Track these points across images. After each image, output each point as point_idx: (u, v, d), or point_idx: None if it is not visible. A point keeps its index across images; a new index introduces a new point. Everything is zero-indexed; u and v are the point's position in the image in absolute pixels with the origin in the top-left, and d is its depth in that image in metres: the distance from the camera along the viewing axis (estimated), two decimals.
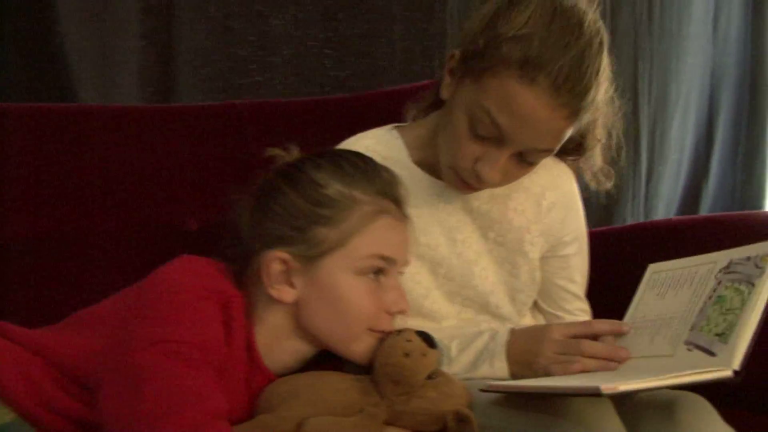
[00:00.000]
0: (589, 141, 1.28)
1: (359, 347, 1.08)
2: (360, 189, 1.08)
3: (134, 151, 1.47)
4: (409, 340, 1.03)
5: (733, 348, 0.89)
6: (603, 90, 1.15)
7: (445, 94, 1.20)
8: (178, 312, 0.97)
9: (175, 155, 1.49)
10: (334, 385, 1.03)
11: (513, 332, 1.18)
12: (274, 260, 1.06)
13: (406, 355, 1.02)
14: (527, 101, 1.07)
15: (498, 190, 1.29)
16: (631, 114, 2.33)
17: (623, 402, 1.01)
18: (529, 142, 1.12)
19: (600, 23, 1.14)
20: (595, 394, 0.85)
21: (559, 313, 1.37)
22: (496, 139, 1.12)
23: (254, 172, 1.15)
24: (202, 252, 1.09)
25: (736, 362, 0.88)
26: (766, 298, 0.92)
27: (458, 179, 1.19)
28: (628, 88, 2.34)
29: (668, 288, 1.08)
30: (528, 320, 1.37)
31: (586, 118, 1.15)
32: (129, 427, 0.89)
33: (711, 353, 0.91)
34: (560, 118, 1.10)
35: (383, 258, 1.08)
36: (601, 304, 1.36)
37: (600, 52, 1.12)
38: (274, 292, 1.07)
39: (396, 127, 1.34)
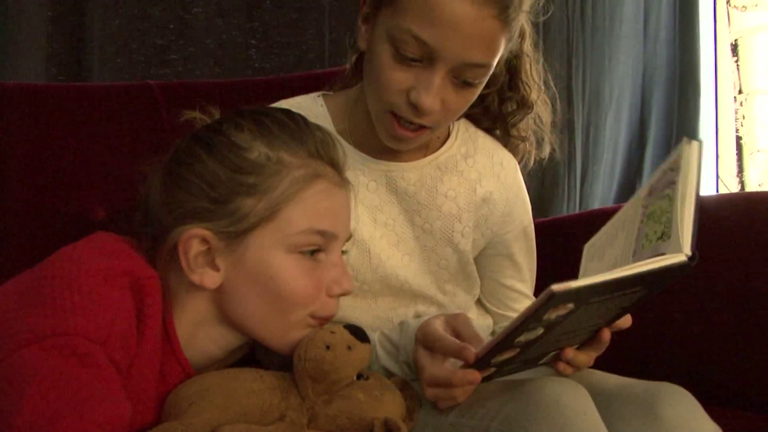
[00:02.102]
0: (528, 91, 1.20)
1: (295, 338, 0.94)
2: (289, 151, 0.94)
3: (34, 132, 1.33)
4: (332, 332, 0.90)
5: (678, 236, 0.83)
6: (527, 2, 1.06)
7: (362, 44, 1.10)
8: (76, 299, 0.81)
9: (81, 137, 1.35)
10: (249, 385, 0.88)
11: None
12: (193, 239, 0.91)
13: (328, 347, 0.88)
14: (449, 3, 0.98)
15: (429, 171, 1.18)
16: (566, 113, 2.29)
17: (598, 396, 0.93)
18: (459, 52, 1.01)
19: None
20: (549, 295, 0.77)
21: (508, 313, 1.27)
22: (425, 58, 1.01)
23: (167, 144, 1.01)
24: None
25: (686, 246, 0.82)
26: (693, 183, 0.86)
27: (395, 123, 1.06)
28: (563, 88, 2.31)
29: (605, 249, 1.02)
30: (473, 313, 1.26)
31: (515, 27, 1.05)
32: None
33: (660, 255, 0.84)
34: (488, 18, 0.99)
35: (320, 233, 0.93)
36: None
37: None
38: (195, 277, 0.91)
39: (322, 94, 1.23)
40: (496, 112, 1.23)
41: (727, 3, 2.28)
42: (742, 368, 0.85)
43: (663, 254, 0.83)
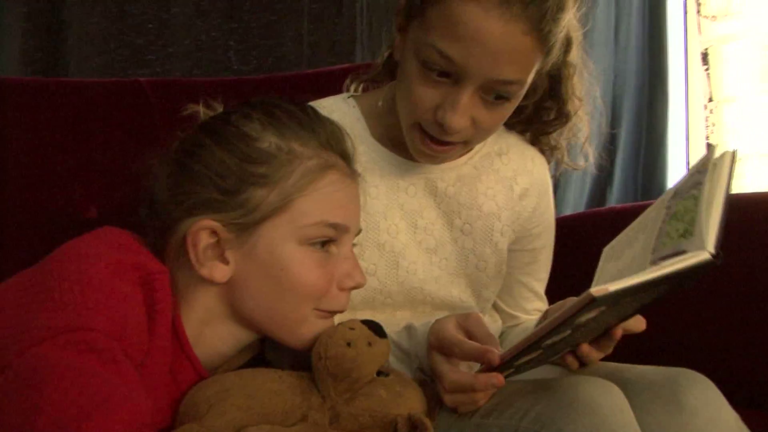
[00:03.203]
0: (568, 102, 1.16)
1: (308, 332, 0.91)
2: (300, 141, 0.91)
3: (24, 127, 1.29)
4: (352, 328, 0.88)
5: (701, 233, 0.82)
6: (567, 14, 1.01)
7: (397, 54, 1.08)
8: (88, 293, 0.77)
9: (71, 133, 1.32)
10: (270, 385, 0.86)
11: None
12: (202, 231, 0.88)
13: (348, 344, 0.86)
14: (475, 19, 0.95)
15: (467, 170, 1.16)
16: None
17: (618, 386, 0.92)
18: (487, 69, 0.97)
19: None
20: (589, 300, 0.76)
21: (518, 314, 1.26)
22: (452, 77, 0.99)
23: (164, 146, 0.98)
24: None
25: (709, 244, 0.81)
26: (723, 187, 0.85)
27: (424, 138, 1.04)
28: None
29: (624, 248, 1.01)
30: (486, 318, 1.25)
31: (551, 42, 1.00)
32: None
33: (681, 252, 0.84)
34: (518, 34, 0.96)
35: (333, 226, 0.91)
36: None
37: None
38: (204, 271, 0.88)
39: (352, 96, 1.19)
40: (530, 118, 1.20)
41: (698, 12, 2.33)
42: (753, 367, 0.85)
43: (684, 251, 0.83)
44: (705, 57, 2.34)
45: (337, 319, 0.96)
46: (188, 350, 0.89)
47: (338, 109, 1.14)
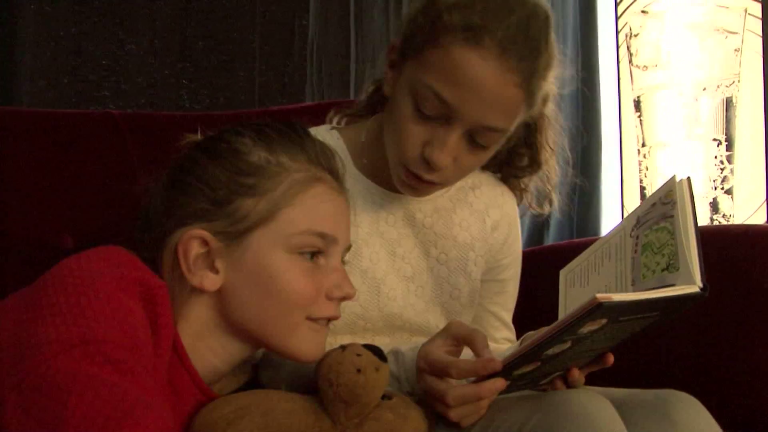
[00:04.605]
0: (541, 151, 1.22)
1: (298, 341, 0.93)
2: (289, 155, 0.94)
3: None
4: (359, 354, 0.90)
5: (688, 268, 0.88)
6: (552, 73, 1.07)
7: (387, 90, 1.11)
8: (96, 306, 0.77)
9: (45, 164, 1.31)
10: (284, 405, 0.88)
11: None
12: (193, 240, 0.90)
13: (359, 371, 0.88)
14: (474, 66, 0.99)
15: (442, 202, 1.21)
16: None
17: (616, 405, 0.96)
18: (478, 115, 1.02)
19: (546, 4, 1.07)
20: (595, 305, 0.81)
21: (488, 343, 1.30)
22: (443, 117, 1.03)
23: (136, 184, 1.00)
24: None
25: (698, 278, 0.87)
26: (690, 216, 0.91)
27: (409, 175, 1.08)
28: None
29: (588, 274, 1.06)
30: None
31: (536, 97, 1.06)
32: None
33: (669, 285, 0.89)
34: (510, 85, 1.01)
35: (320, 235, 0.94)
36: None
37: (547, 25, 1.05)
38: (194, 280, 0.90)
39: (335, 128, 1.23)
40: (504, 161, 1.26)
41: (630, 62, 2.45)
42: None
43: (672, 285, 0.88)
44: (638, 104, 2.45)
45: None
46: (187, 363, 0.90)
47: (323, 139, 1.17)
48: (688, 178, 0.95)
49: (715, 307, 1.20)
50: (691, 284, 0.87)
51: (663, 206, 0.95)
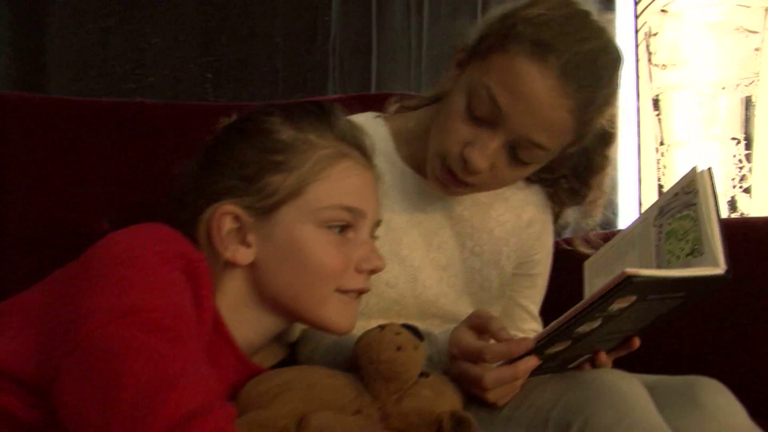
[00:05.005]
0: (591, 191, 1.23)
1: (329, 312, 0.96)
2: (317, 133, 0.97)
3: (30, 143, 1.32)
4: (398, 333, 0.93)
5: (712, 252, 0.90)
6: (609, 110, 1.09)
7: (447, 84, 1.14)
8: (142, 277, 0.80)
9: (80, 152, 1.34)
10: (327, 380, 0.92)
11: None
12: (225, 216, 0.94)
13: (399, 349, 0.91)
14: (532, 79, 1.01)
15: (481, 197, 1.22)
16: None
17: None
18: (525, 127, 1.04)
19: (621, 49, 1.08)
20: (624, 279, 0.83)
21: (514, 333, 1.28)
22: (492, 121, 1.05)
23: (169, 170, 1.03)
24: None
25: (721, 262, 0.89)
26: (713, 204, 0.93)
27: (444, 170, 1.10)
28: None
29: (613, 264, 1.08)
30: None
31: (588, 129, 1.08)
32: (105, 420, 0.70)
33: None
34: (562, 109, 1.02)
35: (348, 209, 0.96)
36: None
37: (617, 64, 1.07)
38: (227, 254, 0.94)
39: (380, 115, 1.25)
40: (550, 183, 1.27)
41: (649, 61, 2.46)
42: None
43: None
44: (656, 103, 2.46)
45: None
46: (226, 335, 0.93)
47: (367, 126, 1.16)
48: (710, 168, 0.97)
49: (740, 295, 1.21)
50: (716, 267, 0.89)
51: (685, 195, 0.97)
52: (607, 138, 1.16)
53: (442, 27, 2.17)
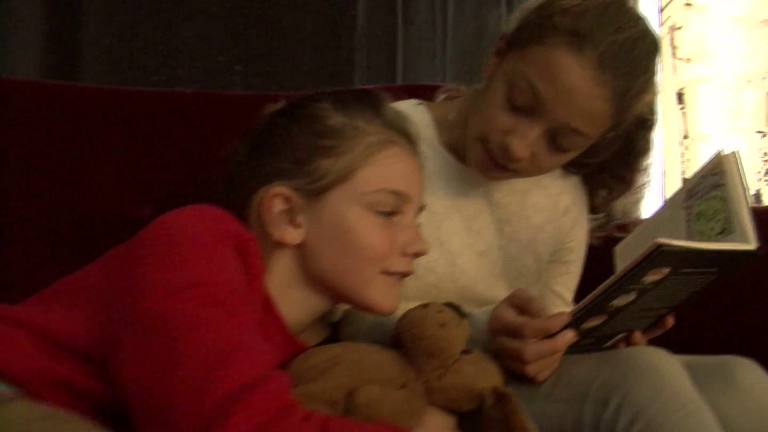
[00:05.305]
0: (636, 175, 1.25)
1: (374, 293, 0.99)
2: (365, 119, 1.00)
3: (80, 136, 1.35)
4: (440, 311, 0.95)
5: (743, 230, 0.93)
6: (647, 96, 1.11)
7: (485, 72, 1.16)
8: (199, 253, 0.84)
9: (120, 140, 1.37)
10: (373, 356, 0.94)
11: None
12: (275, 197, 0.97)
13: (442, 325, 0.94)
14: (571, 69, 1.04)
15: (519, 184, 1.24)
16: None
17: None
18: (564, 116, 1.06)
19: (657, 35, 1.11)
20: (656, 248, 0.85)
21: None
22: (531, 110, 1.07)
23: (208, 160, 1.07)
24: None
25: (752, 239, 0.92)
26: (740, 185, 0.96)
27: (484, 154, 1.12)
28: None
29: (643, 245, 1.09)
30: None
31: (626, 115, 1.09)
32: (167, 390, 0.73)
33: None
34: (600, 98, 1.05)
35: (395, 193, 0.99)
36: None
37: (654, 50, 1.09)
38: (277, 234, 0.96)
39: (422, 103, 1.27)
40: (593, 170, 1.28)
41: (673, 55, 2.46)
42: None
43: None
44: (680, 96, 2.46)
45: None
46: (275, 313, 0.95)
47: (410, 113, 1.17)
48: (736, 151, 0.99)
49: None
50: (747, 243, 0.91)
51: (713, 177, 0.99)
52: (647, 123, 1.18)
53: (467, 20, 2.19)
